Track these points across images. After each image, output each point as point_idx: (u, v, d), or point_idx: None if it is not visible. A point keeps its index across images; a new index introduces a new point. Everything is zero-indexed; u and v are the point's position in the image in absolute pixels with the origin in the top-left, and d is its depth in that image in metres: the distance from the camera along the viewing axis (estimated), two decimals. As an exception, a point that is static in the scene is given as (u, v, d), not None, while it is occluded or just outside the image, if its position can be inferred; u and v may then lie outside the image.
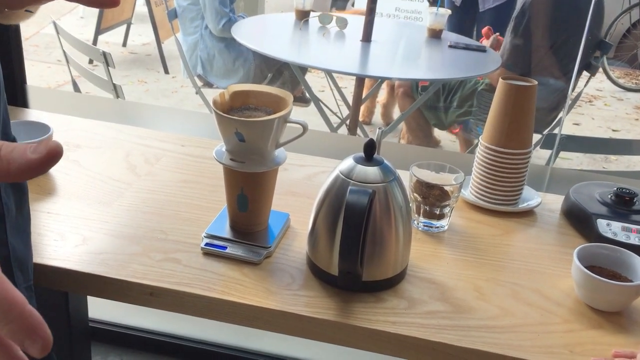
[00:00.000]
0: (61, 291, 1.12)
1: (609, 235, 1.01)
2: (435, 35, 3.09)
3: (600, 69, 4.91)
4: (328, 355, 1.79)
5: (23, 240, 0.79)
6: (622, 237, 1.00)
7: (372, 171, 0.84)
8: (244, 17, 3.35)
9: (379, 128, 0.97)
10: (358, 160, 0.85)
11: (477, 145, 1.13)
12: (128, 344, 1.81)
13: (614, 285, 0.85)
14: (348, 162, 0.86)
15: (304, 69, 3.29)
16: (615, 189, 1.08)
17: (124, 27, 5.20)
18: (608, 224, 1.03)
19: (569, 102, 2.85)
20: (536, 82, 1.09)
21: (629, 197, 1.07)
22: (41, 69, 4.58)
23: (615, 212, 1.05)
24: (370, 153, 0.85)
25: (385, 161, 0.86)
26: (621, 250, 0.91)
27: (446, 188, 1.01)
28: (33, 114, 1.35)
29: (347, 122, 3.09)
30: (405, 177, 1.04)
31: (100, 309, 1.77)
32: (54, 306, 1.16)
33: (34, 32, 5.33)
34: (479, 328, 0.81)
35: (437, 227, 1.03)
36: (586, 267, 0.86)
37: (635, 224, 1.03)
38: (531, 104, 1.08)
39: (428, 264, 0.94)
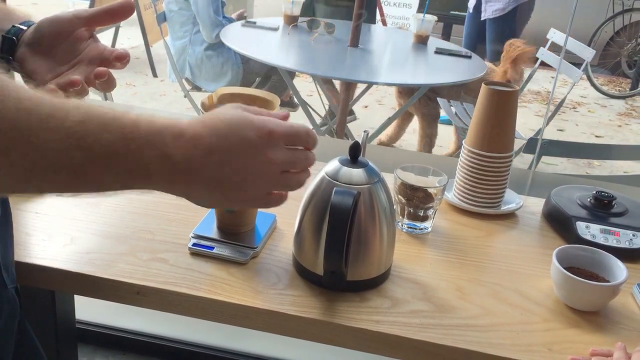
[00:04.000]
0: (48, 291, 1.12)
1: (588, 237, 1.03)
2: (421, 41, 3.12)
3: (584, 76, 4.98)
4: (314, 356, 1.81)
5: (4, 242, 0.80)
6: (600, 239, 1.03)
7: (357, 173, 0.85)
8: (232, 20, 3.37)
9: (364, 131, 0.98)
10: (343, 162, 0.86)
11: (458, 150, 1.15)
12: (114, 346, 1.82)
13: (592, 286, 0.87)
14: (333, 164, 0.87)
15: (292, 74, 3.31)
16: (595, 192, 1.11)
17: (112, 30, 5.19)
18: (587, 226, 1.05)
19: (551, 107, 2.89)
20: (517, 88, 1.11)
21: (607, 200, 1.09)
22: (28, 71, 4.55)
23: (594, 215, 1.08)
24: (355, 155, 0.87)
25: (370, 163, 0.88)
26: (599, 251, 0.93)
27: (430, 190, 1.03)
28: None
29: (334, 126, 3.11)
30: (390, 180, 1.06)
31: (86, 310, 1.77)
32: (40, 307, 1.16)
33: (21, 34, 5.29)
34: (461, 327, 0.83)
35: (421, 229, 1.05)
36: (565, 268, 0.88)
37: (613, 226, 1.05)
38: (513, 109, 1.10)
39: (411, 265, 0.96)
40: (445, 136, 4.11)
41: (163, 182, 0.60)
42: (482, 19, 3.83)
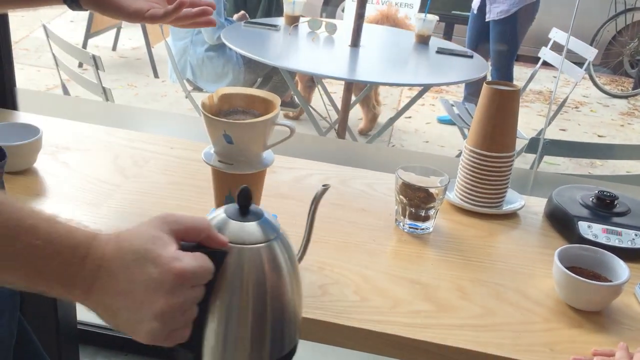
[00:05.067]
0: (49, 292, 1.12)
1: (590, 237, 1.03)
2: (423, 40, 3.12)
3: (587, 76, 4.97)
4: (315, 356, 1.81)
5: None
6: (602, 239, 1.02)
7: (249, 228, 0.64)
8: (232, 22, 3.37)
9: (323, 185, 0.77)
10: (231, 214, 0.65)
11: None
12: (116, 347, 1.82)
13: (594, 286, 0.87)
14: (219, 217, 0.66)
15: (293, 74, 3.30)
16: (597, 192, 1.11)
17: (114, 30, 5.20)
18: (589, 226, 1.05)
19: (553, 107, 2.89)
20: (519, 87, 1.11)
21: (609, 199, 1.09)
22: (31, 72, 4.57)
23: (596, 215, 1.07)
24: (245, 205, 0.66)
25: (266, 214, 0.67)
26: (601, 251, 0.93)
27: (431, 190, 1.03)
28: (22, 117, 1.36)
29: (336, 126, 3.11)
30: (391, 179, 1.06)
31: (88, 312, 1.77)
32: (42, 308, 1.16)
33: (24, 35, 5.31)
34: (462, 327, 0.83)
35: (423, 229, 1.05)
36: (567, 268, 0.88)
37: (615, 226, 1.05)
38: (514, 108, 1.10)
39: (413, 265, 0.96)
40: (447, 136, 4.11)
41: (64, 293, 0.58)
42: (487, 20, 3.83)
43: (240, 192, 0.65)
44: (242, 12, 3.64)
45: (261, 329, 0.64)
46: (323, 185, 0.77)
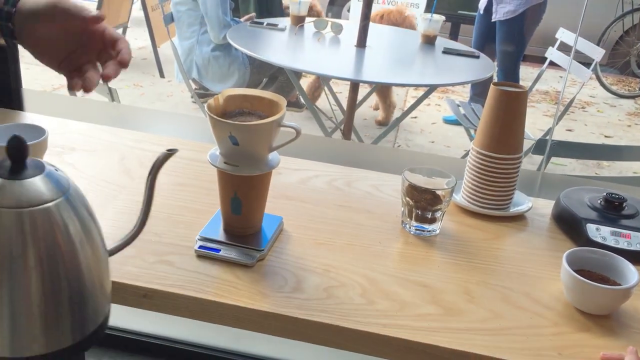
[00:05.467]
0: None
1: (598, 239, 1.02)
2: (429, 41, 3.11)
3: (593, 76, 4.95)
4: (320, 358, 1.80)
5: None
6: (611, 242, 1.01)
7: (27, 187, 0.52)
8: (238, 22, 3.37)
9: (167, 150, 0.68)
10: (1, 172, 0.54)
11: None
12: (121, 347, 1.82)
13: (603, 289, 0.86)
14: None
15: (298, 74, 3.30)
16: (605, 194, 1.10)
17: (120, 30, 5.21)
18: (597, 229, 1.04)
19: (560, 107, 2.88)
20: (527, 88, 1.10)
21: (618, 202, 1.08)
22: (36, 72, 4.57)
23: (604, 217, 1.07)
24: (18, 159, 0.54)
25: (48, 167, 0.55)
26: (610, 254, 0.92)
27: (438, 192, 1.02)
28: (28, 117, 1.36)
29: (342, 127, 3.10)
30: (397, 181, 1.06)
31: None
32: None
33: (29, 35, 5.32)
34: (469, 330, 0.82)
35: (429, 231, 1.04)
36: (575, 271, 0.87)
37: (624, 228, 1.04)
38: (522, 110, 1.09)
39: (419, 267, 0.95)
40: (452, 136, 4.10)
41: None
42: (493, 20, 3.82)
43: (9, 142, 0.52)
44: (252, 14, 3.64)
45: (54, 306, 0.54)
46: (168, 150, 0.66)
